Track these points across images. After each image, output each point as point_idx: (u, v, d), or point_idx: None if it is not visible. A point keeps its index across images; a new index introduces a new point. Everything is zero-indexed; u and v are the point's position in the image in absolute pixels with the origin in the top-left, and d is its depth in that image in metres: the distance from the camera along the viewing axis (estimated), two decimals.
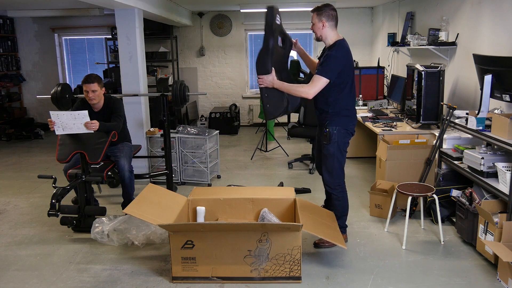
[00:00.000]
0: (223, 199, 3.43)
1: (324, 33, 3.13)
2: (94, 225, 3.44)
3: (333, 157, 3.20)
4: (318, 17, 3.11)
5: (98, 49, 8.47)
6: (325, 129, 3.17)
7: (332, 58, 3.04)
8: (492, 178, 3.08)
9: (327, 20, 3.10)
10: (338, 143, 3.18)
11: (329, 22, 3.10)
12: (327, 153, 3.21)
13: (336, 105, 3.15)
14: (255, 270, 2.82)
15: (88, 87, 3.82)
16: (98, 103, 3.93)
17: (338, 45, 3.11)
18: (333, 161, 3.21)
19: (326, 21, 3.10)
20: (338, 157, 3.21)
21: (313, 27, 3.17)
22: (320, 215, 3.29)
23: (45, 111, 8.38)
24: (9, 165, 5.97)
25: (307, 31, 8.14)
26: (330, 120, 3.16)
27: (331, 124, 3.15)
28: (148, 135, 4.96)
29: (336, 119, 3.16)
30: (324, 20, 3.10)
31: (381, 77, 6.04)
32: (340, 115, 3.17)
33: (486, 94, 3.25)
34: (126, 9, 4.70)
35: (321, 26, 3.11)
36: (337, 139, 3.17)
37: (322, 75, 3.03)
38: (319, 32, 3.14)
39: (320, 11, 3.10)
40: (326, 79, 3.03)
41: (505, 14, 3.60)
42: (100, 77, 3.95)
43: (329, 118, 3.17)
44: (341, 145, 3.20)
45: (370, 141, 5.68)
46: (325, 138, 3.18)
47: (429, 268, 3.00)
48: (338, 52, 3.07)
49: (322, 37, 3.15)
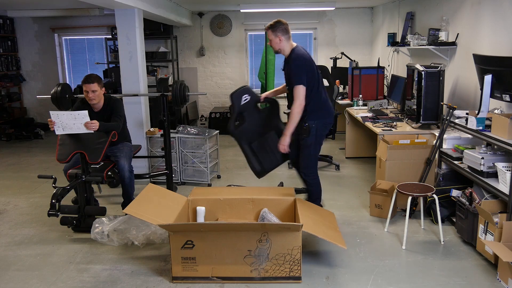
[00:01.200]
0: (223, 199, 3.43)
1: (281, 46, 3.45)
2: (94, 225, 3.44)
3: (309, 147, 3.53)
4: (273, 33, 3.41)
5: (98, 49, 8.47)
6: (305, 123, 3.46)
7: (296, 67, 3.37)
8: (492, 178, 3.08)
9: (282, 35, 3.41)
10: (316, 135, 3.50)
11: (284, 35, 3.41)
12: (305, 144, 3.52)
13: (311, 103, 3.43)
14: (255, 270, 2.82)
15: (88, 87, 3.82)
16: (98, 103, 3.93)
17: (295, 53, 3.43)
18: (310, 151, 3.55)
19: (281, 35, 3.41)
20: (315, 148, 3.57)
21: (270, 43, 3.48)
22: (320, 215, 3.29)
23: (45, 111, 8.37)
24: (9, 165, 5.97)
25: (307, 31, 8.15)
26: (309, 116, 3.45)
27: (310, 119, 3.46)
28: (148, 135, 4.96)
29: (314, 114, 3.47)
30: (280, 34, 3.40)
31: (381, 77, 6.04)
32: (317, 111, 3.48)
33: (486, 94, 3.25)
34: (126, 9, 4.70)
35: (278, 40, 3.42)
36: (316, 132, 3.48)
37: (298, 83, 3.35)
38: (277, 46, 3.45)
39: (274, 27, 3.40)
40: (303, 86, 3.36)
41: (505, 14, 3.60)
42: (100, 77, 3.95)
43: (307, 115, 3.46)
44: (319, 137, 3.54)
45: (370, 141, 5.68)
46: (305, 132, 3.48)
47: (429, 268, 3.00)
48: (298, 59, 3.39)
49: (281, 50, 3.48)
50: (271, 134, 3.69)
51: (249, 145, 3.65)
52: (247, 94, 3.63)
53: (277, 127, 3.72)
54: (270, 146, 3.67)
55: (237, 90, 3.64)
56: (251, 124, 3.66)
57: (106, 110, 3.97)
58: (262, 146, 3.67)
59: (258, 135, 3.68)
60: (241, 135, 3.63)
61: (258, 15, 7.90)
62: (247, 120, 3.66)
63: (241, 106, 3.59)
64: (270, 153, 3.66)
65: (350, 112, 5.58)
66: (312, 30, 8.14)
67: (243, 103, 3.60)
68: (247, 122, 3.65)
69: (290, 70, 3.41)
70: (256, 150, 3.66)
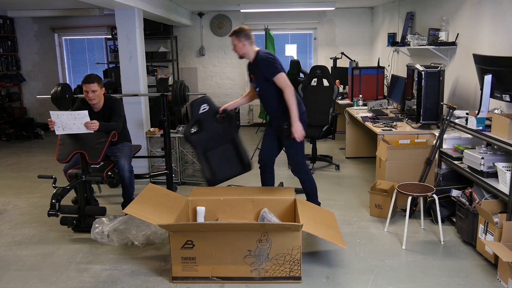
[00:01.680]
0: (223, 199, 3.43)
1: (245, 50, 3.58)
2: (94, 225, 3.44)
3: (295, 146, 3.61)
4: (237, 39, 3.54)
5: (98, 49, 8.47)
6: (285, 123, 3.55)
7: (267, 63, 3.49)
8: (492, 178, 3.08)
9: (245, 40, 3.54)
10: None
11: (247, 40, 3.54)
12: (289, 144, 3.63)
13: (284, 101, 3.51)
14: (255, 270, 2.82)
15: (88, 87, 3.82)
16: (98, 103, 3.93)
17: (261, 53, 3.56)
18: (296, 149, 3.65)
19: (245, 40, 3.54)
20: (301, 145, 3.64)
21: (235, 48, 3.60)
22: (320, 215, 3.29)
23: (45, 111, 8.37)
24: (9, 165, 5.97)
25: (307, 31, 8.14)
26: (286, 115, 3.51)
27: (288, 118, 3.51)
28: (148, 135, 4.96)
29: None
30: (243, 39, 3.53)
31: (381, 77, 6.04)
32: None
33: (486, 94, 3.25)
34: (126, 9, 4.70)
35: (242, 45, 3.55)
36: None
37: (277, 73, 3.46)
38: (241, 50, 3.58)
39: (237, 33, 3.54)
40: (282, 73, 3.47)
41: (505, 14, 3.60)
42: (100, 77, 3.95)
43: (285, 114, 3.53)
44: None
45: (370, 141, 5.68)
46: (287, 131, 3.54)
47: (429, 268, 3.00)
48: (266, 57, 3.51)
49: (245, 54, 3.60)
50: (227, 145, 3.84)
51: (203, 153, 3.76)
52: (206, 104, 3.76)
53: (234, 140, 3.87)
54: (225, 157, 3.82)
55: (197, 99, 3.79)
56: (208, 133, 3.79)
57: (106, 110, 3.97)
58: (217, 156, 3.79)
59: (214, 145, 3.80)
60: (197, 142, 3.75)
61: (258, 15, 7.90)
62: (204, 129, 3.79)
63: (199, 115, 3.73)
64: (225, 164, 3.77)
65: (350, 112, 5.58)
66: (312, 30, 8.14)
67: (201, 111, 3.73)
68: (204, 131, 3.77)
69: (261, 69, 3.52)
70: (210, 159, 3.75)
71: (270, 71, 3.47)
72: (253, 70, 3.65)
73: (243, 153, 3.87)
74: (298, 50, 8.20)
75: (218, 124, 3.83)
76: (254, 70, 3.63)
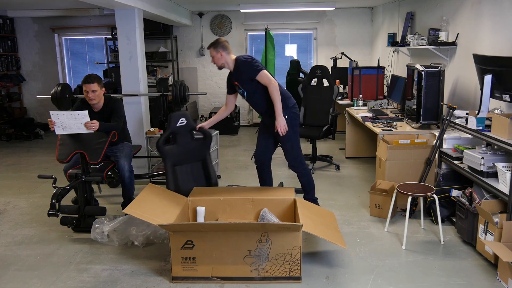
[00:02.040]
0: (223, 199, 3.43)
1: (224, 60, 3.62)
2: (94, 225, 3.44)
3: (291, 140, 3.68)
4: (215, 50, 3.58)
5: (98, 49, 8.47)
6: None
7: (247, 65, 3.56)
8: (492, 178, 3.08)
9: (223, 50, 3.58)
10: (292, 126, 3.64)
11: (225, 51, 3.59)
12: (285, 139, 3.65)
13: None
14: (255, 270, 2.82)
15: (88, 87, 3.81)
16: (98, 103, 3.93)
17: (239, 59, 3.63)
18: (292, 143, 3.70)
19: (222, 50, 3.58)
20: (296, 138, 3.73)
21: (213, 60, 3.64)
22: (320, 215, 3.29)
23: (45, 111, 8.37)
24: (9, 165, 5.97)
25: (307, 31, 8.14)
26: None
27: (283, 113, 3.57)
28: (148, 135, 4.96)
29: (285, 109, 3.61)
30: (221, 50, 3.58)
31: (381, 77, 6.04)
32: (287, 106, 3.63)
33: (486, 94, 3.25)
34: (126, 9, 4.70)
35: (220, 56, 3.59)
36: (290, 122, 3.62)
37: (258, 71, 3.51)
38: (220, 61, 3.61)
39: (215, 45, 3.58)
40: (263, 70, 3.53)
41: (505, 14, 3.60)
42: (100, 77, 3.95)
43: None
44: (295, 126, 3.69)
45: (370, 141, 5.68)
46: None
47: (429, 268, 3.00)
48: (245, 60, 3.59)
49: (224, 63, 3.64)
50: (197, 164, 3.93)
51: (172, 166, 3.81)
52: (185, 119, 3.85)
53: (205, 160, 3.96)
54: (192, 175, 3.88)
55: (177, 112, 3.92)
56: (180, 148, 3.86)
57: (106, 110, 3.97)
58: (184, 172, 3.86)
59: (184, 160, 3.86)
60: (168, 154, 3.79)
61: (258, 15, 7.90)
62: (177, 142, 3.86)
63: (175, 127, 3.81)
64: (191, 181, 3.81)
65: (350, 112, 5.58)
66: (312, 30, 8.14)
67: (178, 125, 3.81)
68: (177, 144, 3.85)
69: (243, 71, 3.58)
70: (178, 173, 3.80)
71: (252, 70, 3.54)
72: (236, 77, 3.69)
73: (211, 173, 3.96)
74: (298, 50, 8.20)
75: (191, 140, 3.92)
76: (237, 76, 3.68)
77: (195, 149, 3.95)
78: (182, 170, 3.86)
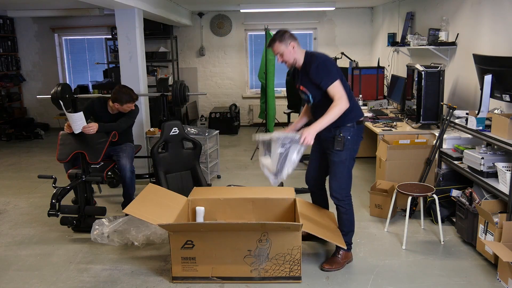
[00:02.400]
0: (223, 199, 3.43)
1: (296, 54, 2.89)
2: (94, 227, 3.43)
3: (344, 163, 2.95)
4: (284, 43, 2.85)
5: (98, 49, 8.47)
6: (339, 134, 2.88)
7: (320, 67, 2.82)
8: (492, 178, 3.08)
9: (293, 40, 2.87)
10: (351, 149, 2.95)
11: (295, 41, 2.88)
12: (338, 160, 2.94)
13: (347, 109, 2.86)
14: (255, 270, 2.82)
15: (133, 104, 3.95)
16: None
17: (309, 55, 2.92)
18: (344, 168, 2.97)
19: (293, 41, 2.86)
20: (349, 164, 2.99)
21: (283, 57, 2.88)
22: (320, 215, 3.29)
23: (45, 111, 8.38)
24: (9, 165, 5.97)
25: (307, 31, 8.14)
26: (343, 123, 2.89)
27: (345, 128, 2.90)
28: (148, 135, 4.96)
29: (348, 120, 2.90)
30: (291, 41, 2.86)
31: (381, 77, 6.04)
32: (349, 114, 2.89)
33: (486, 94, 3.25)
34: (126, 9, 4.70)
35: (292, 49, 2.86)
36: (351, 144, 2.94)
37: (332, 81, 2.79)
38: (292, 56, 2.88)
39: (282, 37, 2.85)
40: (338, 81, 2.81)
41: (505, 14, 3.60)
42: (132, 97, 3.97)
43: (341, 121, 2.87)
44: (354, 151, 2.99)
45: (370, 141, 5.67)
46: (339, 144, 2.89)
47: (429, 268, 3.00)
48: (317, 59, 2.86)
49: (296, 59, 2.91)
50: (187, 173, 4.05)
51: (164, 174, 3.95)
52: (177, 128, 3.98)
53: (194, 168, 4.10)
54: (182, 183, 3.99)
55: (171, 122, 4.02)
56: (172, 156, 4.01)
57: (122, 113, 4.00)
58: (175, 180, 3.99)
59: (174, 168, 4.01)
60: (160, 161, 3.93)
61: (258, 15, 7.90)
62: (169, 151, 4.00)
63: (168, 136, 3.94)
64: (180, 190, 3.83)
65: None
66: (312, 30, 8.14)
67: (171, 134, 3.95)
68: (169, 152, 3.99)
69: (313, 76, 2.84)
70: (169, 181, 3.95)
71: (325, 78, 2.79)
72: (302, 79, 2.95)
73: (202, 181, 4.05)
74: None
75: (183, 150, 4.06)
76: (303, 78, 2.94)
77: (185, 158, 4.07)
78: (172, 179, 3.99)
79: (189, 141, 4.17)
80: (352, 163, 3.01)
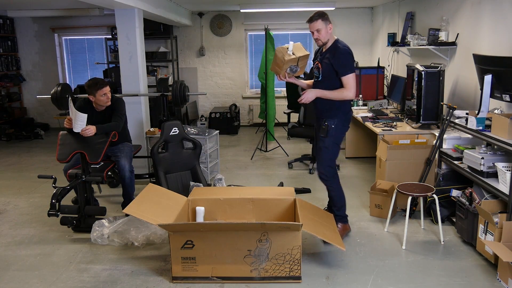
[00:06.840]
0: (223, 199, 3.43)
1: (330, 35, 3.24)
2: (94, 227, 3.43)
3: (327, 149, 3.34)
4: (324, 22, 3.18)
5: (98, 49, 8.47)
6: (324, 122, 3.30)
7: (345, 57, 3.19)
8: (492, 178, 3.08)
9: (330, 22, 3.23)
10: (334, 136, 3.33)
11: (331, 23, 3.24)
12: (323, 145, 3.35)
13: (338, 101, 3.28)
14: (255, 270, 2.82)
15: (104, 90, 3.87)
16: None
17: (340, 43, 3.26)
18: (328, 153, 3.35)
19: (331, 24, 3.23)
20: (333, 150, 3.37)
21: (319, 35, 3.20)
22: (320, 216, 3.29)
23: (45, 111, 8.39)
24: (9, 165, 5.97)
25: (307, 31, 8.11)
26: (330, 114, 3.29)
27: (330, 118, 3.29)
28: (148, 135, 4.96)
29: (335, 111, 3.29)
30: (330, 24, 3.22)
31: (381, 77, 6.04)
32: (341, 110, 3.31)
33: (486, 94, 3.25)
34: (126, 9, 4.70)
35: (329, 29, 3.21)
36: (334, 133, 3.31)
37: (350, 72, 3.18)
38: (327, 36, 3.22)
39: (324, 16, 3.19)
40: (354, 74, 3.20)
41: (505, 14, 3.60)
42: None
43: (330, 111, 3.29)
44: (337, 138, 3.36)
45: (370, 141, 5.68)
46: (323, 131, 3.31)
47: (429, 268, 3.00)
48: (345, 50, 3.22)
49: (328, 40, 3.25)
50: (186, 173, 4.07)
51: (164, 174, 3.97)
52: (177, 128, 3.99)
53: (194, 168, 4.11)
54: (181, 183, 4.01)
55: (171, 122, 4.02)
56: (172, 156, 4.03)
57: (108, 109, 3.97)
58: (174, 180, 4.01)
59: (174, 169, 4.02)
60: (160, 161, 3.95)
61: (258, 15, 7.90)
62: (169, 151, 4.02)
63: (168, 136, 3.96)
64: (180, 190, 3.92)
65: None
66: None
67: (171, 134, 3.96)
68: (169, 152, 4.01)
69: (336, 61, 3.18)
70: (169, 181, 3.97)
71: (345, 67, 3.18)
72: (322, 58, 3.28)
73: (202, 181, 4.06)
74: None
75: (182, 150, 4.08)
76: (324, 57, 3.26)
77: (185, 158, 4.09)
78: (172, 179, 3.99)
79: (189, 141, 4.18)
80: (336, 148, 3.39)
